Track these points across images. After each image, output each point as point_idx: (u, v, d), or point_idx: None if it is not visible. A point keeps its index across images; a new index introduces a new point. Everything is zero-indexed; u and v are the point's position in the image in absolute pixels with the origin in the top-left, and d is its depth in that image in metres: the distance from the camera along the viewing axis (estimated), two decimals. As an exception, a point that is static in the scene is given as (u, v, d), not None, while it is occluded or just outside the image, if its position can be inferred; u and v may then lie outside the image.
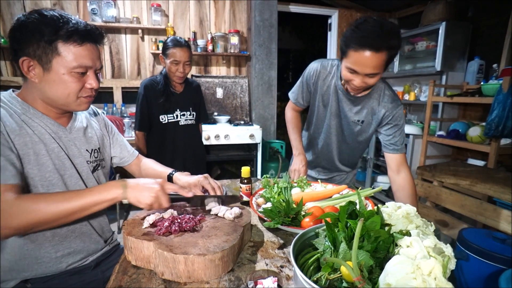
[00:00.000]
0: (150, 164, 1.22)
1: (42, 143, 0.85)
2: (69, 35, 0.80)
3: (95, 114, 1.12)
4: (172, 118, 1.97)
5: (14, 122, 0.81)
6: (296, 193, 1.08)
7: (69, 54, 0.81)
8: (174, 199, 0.91)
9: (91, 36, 0.85)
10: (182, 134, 2.03)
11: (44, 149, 0.86)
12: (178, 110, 1.98)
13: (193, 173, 1.42)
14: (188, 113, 2.04)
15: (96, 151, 1.02)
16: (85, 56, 0.84)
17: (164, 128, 1.96)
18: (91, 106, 1.11)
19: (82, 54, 0.83)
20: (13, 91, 0.90)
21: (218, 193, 1.04)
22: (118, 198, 0.79)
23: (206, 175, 1.08)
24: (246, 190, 1.12)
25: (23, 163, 0.81)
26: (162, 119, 1.94)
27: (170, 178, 1.13)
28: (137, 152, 1.23)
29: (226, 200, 0.99)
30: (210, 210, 0.91)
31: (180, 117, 2.00)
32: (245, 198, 1.12)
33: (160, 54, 1.91)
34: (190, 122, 2.06)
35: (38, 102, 0.88)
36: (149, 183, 0.83)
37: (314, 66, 1.37)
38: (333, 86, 1.33)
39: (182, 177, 1.11)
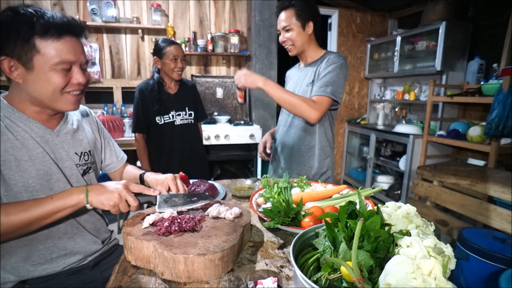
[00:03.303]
0: (128, 169, 1.22)
1: (24, 149, 0.83)
2: (46, 29, 0.76)
3: (87, 115, 1.10)
4: (168, 118, 2.00)
5: None
6: (296, 193, 1.08)
7: (49, 49, 0.77)
8: (141, 200, 0.87)
9: (70, 28, 0.81)
10: (179, 134, 2.04)
11: (26, 155, 0.84)
12: (173, 110, 2.01)
13: (194, 173, 1.41)
14: (184, 112, 2.05)
15: (86, 154, 1.01)
16: (66, 50, 0.79)
17: (161, 129, 1.99)
18: (84, 107, 1.10)
19: (62, 49, 0.79)
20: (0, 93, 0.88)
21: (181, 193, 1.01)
22: (81, 204, 0.77)
23: (176, 175, 1.05)
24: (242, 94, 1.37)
25: (4, 170, 0.80)
26: (159, 120, 1.98)
27: (142, 178, 1.12)
28: (125, 159, 1.23)
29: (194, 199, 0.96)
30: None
31: (176, 117, 2.02)
32: (240, 101, 1.41)
33: (154, 57, 1.93)
34: (186, 121, 2.07)
35: (25, 104, 0.85)
36: (112, 184, 0.81)
37: (286, 74, 1.75)
38: (294, 72, 1.65)
39: (151, 175, 1.10)
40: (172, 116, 2.01)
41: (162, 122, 1.99)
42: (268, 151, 1.62)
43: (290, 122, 1.56)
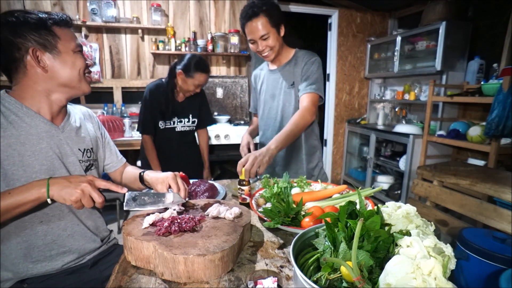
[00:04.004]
0: (129, 169, 1.22)
1: (27, 144, 0.85)
2: (59, 21, 0.89)
3: (89, 115, 1.13)
4: (170, 124, 2.01)
5: None
6: (296, 193, 1.08)
7: (65, 36, 0.90)
8: (108, 196, 0.84)
9: (71, 22, 0.94)
10: (178, 140, 2.07)
11: (29, 150, 0.86)
12: (176, 117, 2.02)
13: (190, 177, 1.42)
14: (186, 119, 2.06)
15: (88, 151, 1.03)
16: (74, 36, 0.94)
17: (160, 133, 2.01)
18: (85, 108, 1.14)
19: (73, 35, 0.93)
20: (6, 91, 0.90)
21: (182, 195, 0.97)
22: (42, 198, 0.76)
23: (176, 173, 1.03)
24: (248, 191, 1.11)
25: (7, 165, 0.82)
26: (161, 125, 1.98)
27: (142, 177, 1.11)
28: (124, 160, 1.23)
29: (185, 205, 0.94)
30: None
31: (177, 124, 2.04)
32: (247, 199, 1.11)
33: (180, 70, 1.83)
34: (187, 128, 2.09)
35: (36, 98, 0.89)
36: (76, 179, 0.79)
37: (252, 74, 1.70)
38: (263, 74, 1.61)
39: (151, 174, 1.08)
40: (174, 122, 2.02)
41: (164, 127, 1.99)
42: None
43: (279, 125, 1.54)
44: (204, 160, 2.27)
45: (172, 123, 2.01)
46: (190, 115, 2.07)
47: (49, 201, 0.77)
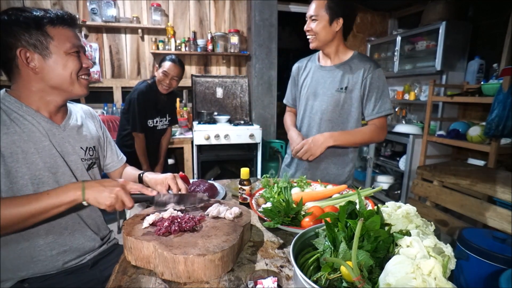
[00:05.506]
0: (128, 169, 1.23)
1: (31, 142, 0.85)
2: (54, 18, 0.85)
3: (91, 114, 1.13)
4: (154, 123, 2.23)
5: (1, 121, 0.82)
6: (296, 193, 1.08)
7: (60, 36, 0.85)
8: (138, 199, 0.87)
9: (71, 21, 0.90)
10: (157, 137, 2.33)
11: (33, 147, 0.85)
12: (158, 116, 2.25)
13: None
14: (164, 119, 2.32)
15: (91, 149, 1.03)
16: (72, 36, 0.89)
17: (147, 132, 2.18)
18: (87, 106, 1.14)
19: (70, 35, 0.88)
20: (6, 91, 0.90)
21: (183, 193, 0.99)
22: (77, 201, 0.77)
23: (175, 174, 1.05)
24: (248, 190, 1.11)
25: (11, 162, 0.82)
26: (150, 123, 2.19)
27: (140, 178, 1.13)
28: (124, 159, 1.24)
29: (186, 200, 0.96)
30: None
31: (158, 123, 2.27)
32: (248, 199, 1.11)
33: (156, 65, 2.19)
34: (165, 126, 2.37)
35: (32, 98, 0.88)
36: (109, 183, 0.81)
37: (295, 65, 1.60)
38: (310, 67, 1.51)
39: (149, 175, 1.10)
40: (156, 121, 2.24)
41: (152, 125, 2.20)
42: None
43: (317, 127, 1.44)
44: (160, 156, 2.44)
45: (155, 121, 2.23)
46: (167, 114, 2.32)
47: (85, 203, 0.78)
